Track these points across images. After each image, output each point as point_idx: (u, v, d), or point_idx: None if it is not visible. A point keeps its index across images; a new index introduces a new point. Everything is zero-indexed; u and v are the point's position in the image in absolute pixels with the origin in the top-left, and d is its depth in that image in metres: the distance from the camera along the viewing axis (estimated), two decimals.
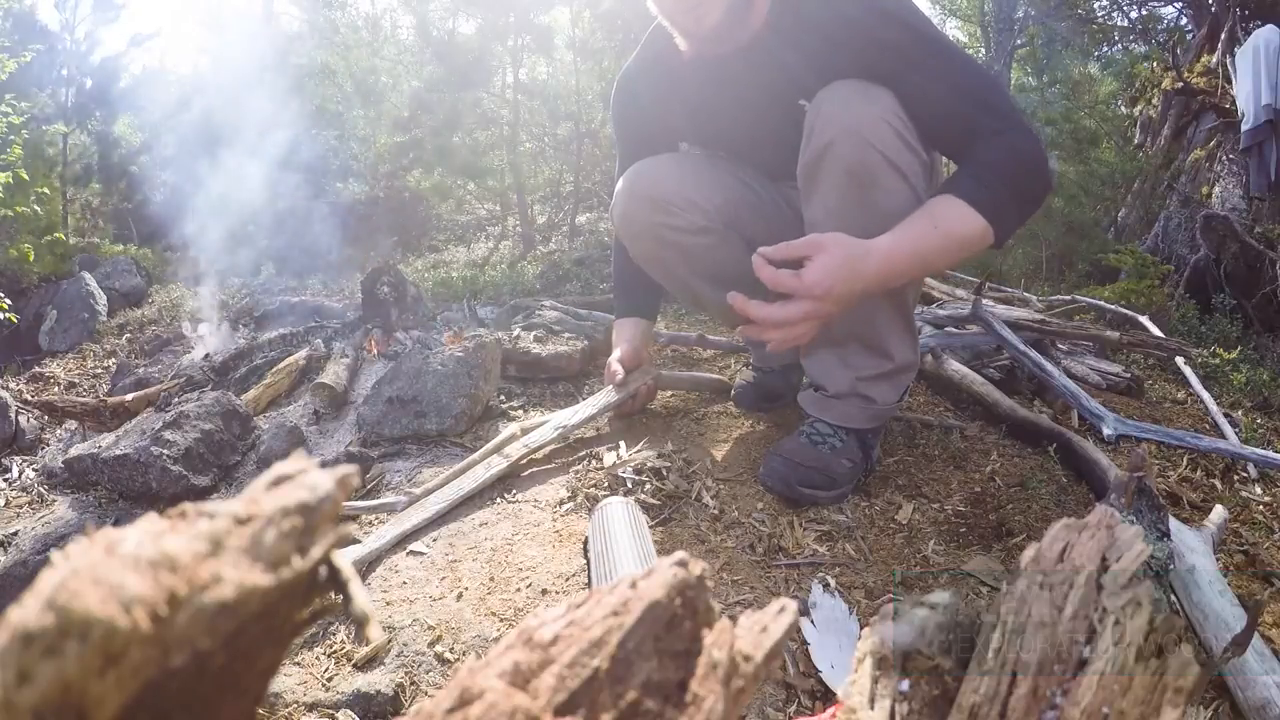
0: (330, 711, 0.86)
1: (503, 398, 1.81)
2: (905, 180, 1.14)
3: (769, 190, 1.48)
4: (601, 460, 1.41)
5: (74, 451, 1.68)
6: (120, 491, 1.54)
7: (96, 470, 1.56)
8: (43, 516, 1.51)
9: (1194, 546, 1.10)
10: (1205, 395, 2.08)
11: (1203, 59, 5.57)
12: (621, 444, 1.48)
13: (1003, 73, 9.21)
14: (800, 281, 1.00)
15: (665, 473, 1.33)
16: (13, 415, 2.26)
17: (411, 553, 1.16)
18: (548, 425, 1.48)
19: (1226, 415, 1.98)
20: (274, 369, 2.15)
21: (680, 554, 0.34)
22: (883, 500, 1.30)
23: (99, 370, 3.24)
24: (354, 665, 0.92)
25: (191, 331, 3.11)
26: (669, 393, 1.82)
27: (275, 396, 2.07)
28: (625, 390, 1.57)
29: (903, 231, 1.07)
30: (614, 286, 1.73)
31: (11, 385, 2.96)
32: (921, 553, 1.16)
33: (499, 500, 1.31)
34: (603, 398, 1.57)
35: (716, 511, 1.23)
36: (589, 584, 1.04)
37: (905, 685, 0.37)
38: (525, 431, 1.47)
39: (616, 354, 1.60)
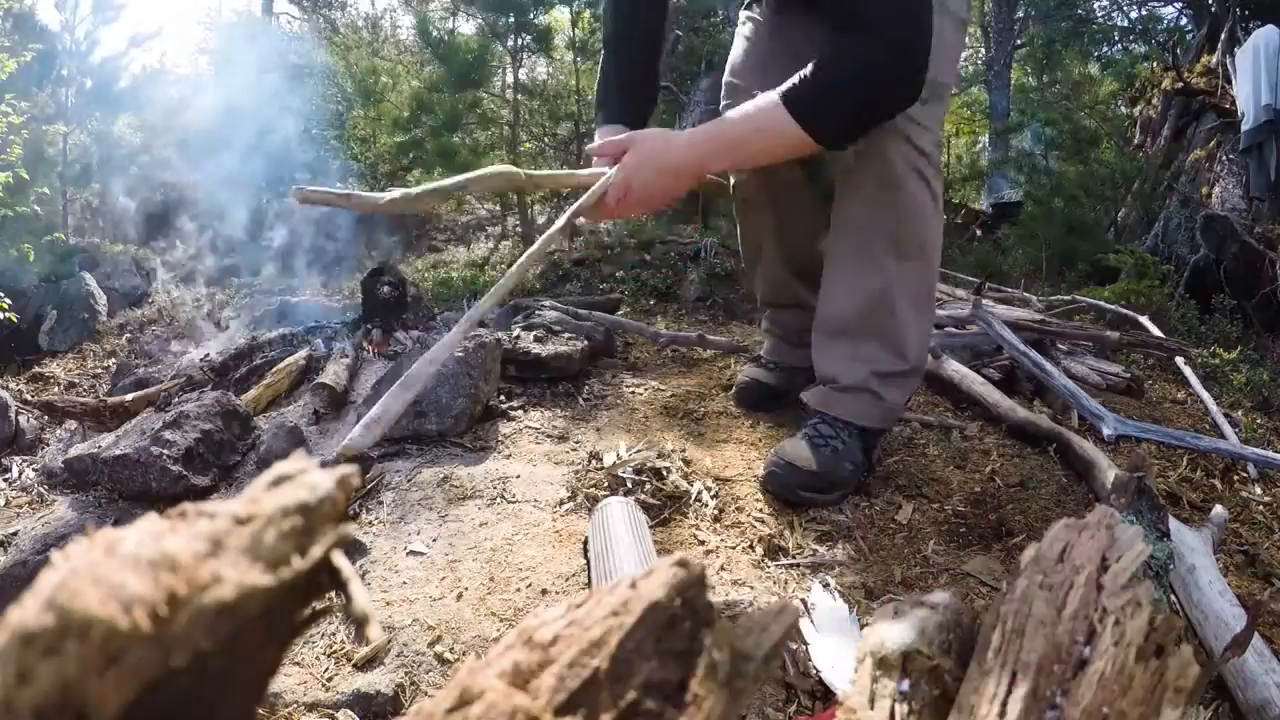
0: (330, 711, 0.86)
1: (503, 398, 1.81)
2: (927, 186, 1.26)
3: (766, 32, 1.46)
4: (601, 460, 1.41)
5: (74, 451, 1.68)
6: (120, 491, 1.54)
7: (96, 470, 1.56)
8: (43, 516, 1.51)
9: (1194, 546, 1.10)
10: (1205, 395, 2.08)
11: (1203, 59, 5.58)
12: (621, 444, 1.48)
13: (1003, 73, 9.22)
14: (618, 152, 1.14)
15: (665, 473, 1.33)
16: (13, 415, 2.26)
17: (411, 553, 1.16)
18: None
19: (1226, 415, 1.99)
20: (274, 369, 2.14)
21: (680, 554, 0.34)
22: (883, 500, 1.30)
23: (99, 370, 3.24)
24: (354, 665, 0.92)
25: (191, 331, 3.12)
26: (669, 393, 1.82)
27: (275, 396, 2.07)
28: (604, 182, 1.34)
29: (713, 124, 1.15)
30: (598, 97, 1.55)
31: (11, 385, 2.96)
32: (921, 553, 1.16)
33: (499, 500, 1.31)
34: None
35: (716, 511, 1.23)
36: (589, 584, 1.04)
37: (905, 685, 0.37)
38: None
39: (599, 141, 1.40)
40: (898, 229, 1.27)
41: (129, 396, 2.14)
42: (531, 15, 5.28)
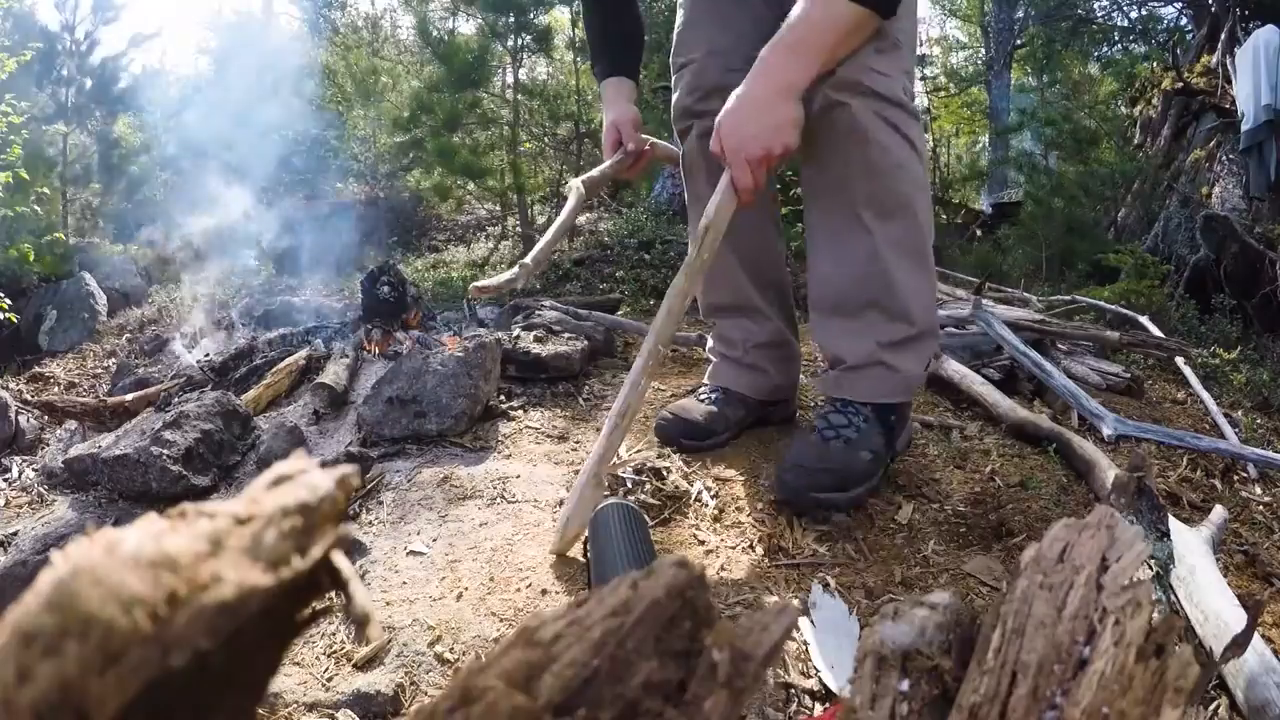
0: (330, 711, 0.86)
1: (503, 398, 1.81)
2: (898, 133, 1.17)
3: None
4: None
5: (74, 451, 1.68)
6: (120, 491, 1.54)
7: (96, 470, 1.56)
8: (43, 516, 1.51)
9: (1194, 546, 1.10)
10: (1205, 395, 2.08)
11: (1203, 59, 5.58)
12: (621, 444, 1.48)
13: (1002, 73, 9.23)
14: (717, 142, 1.10)
15: (665, 473, 1.33)
16: (13, 415, 2.26)
17: (411, 552, 1.16)
18: (573, 180, 1.38)
19: (1226, 415, 1.99)
20: (274, 369, 2.15)
21: (680, 554, 0.34)
22: (883, 500, 1.30)
23: (99, 370, 3.24)
24: (354, 665, 0.92)
25: (192, 331, 3.12)
26: (669, 393, 1.82)
27: (275, 396, 2.07)
28: (634, 154, 1.43)
29: (773, 43, 1.09)
30: (592, 52, 1.56)
31: (11, 385, 2.96)
32: (921, 553, 1.15)
33: (499, 500, 1.31)
34: (611, 162, 1.43)
35: (716, 511, 1.23)
36: (589, 584, 1.04)
37: (905, 685, 0.37)
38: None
39: (612, 117, 1.43)
40: (873, 185, 1.18)
41: (129, 396, 2.14)
42: (531, 15, 5.28)
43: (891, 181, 1.18)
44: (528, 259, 1.18)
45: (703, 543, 1.15)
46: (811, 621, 0.96)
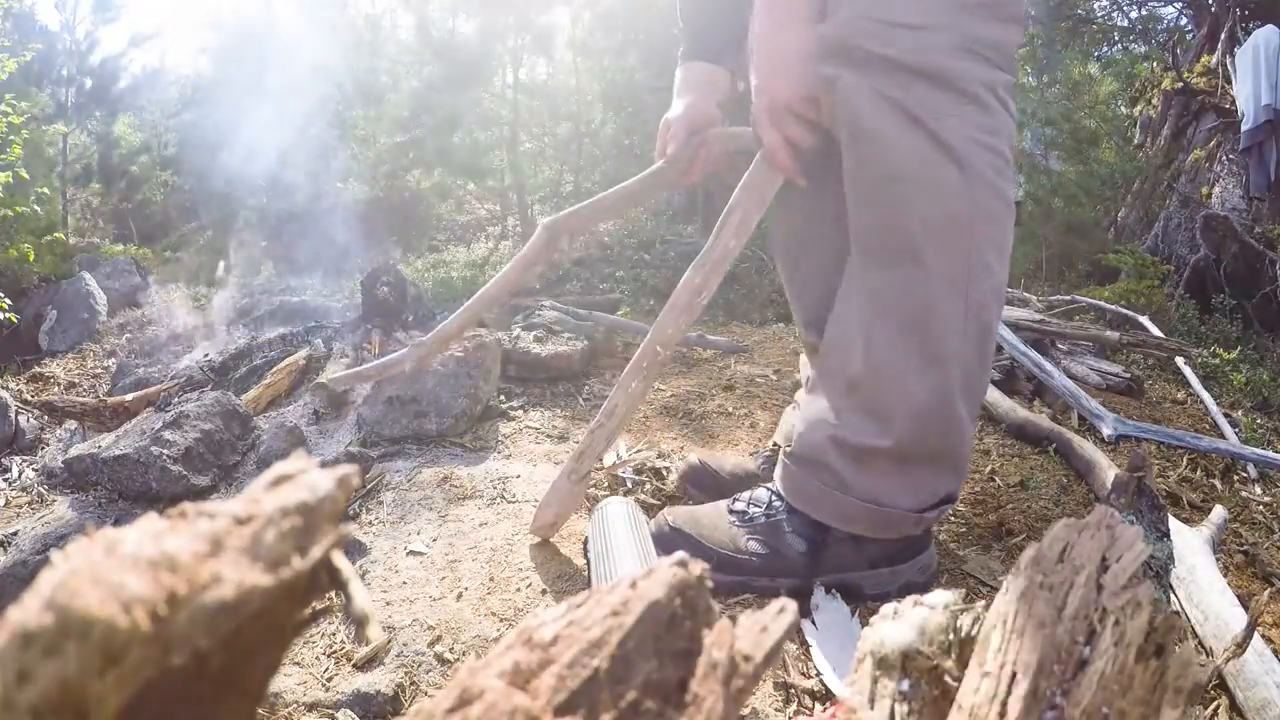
0: (330, 711, 0.86)
1: (503, 398, 1.81)
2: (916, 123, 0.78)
3: None
4: (601, 460, 1.41)
5: (74, 451, 1.68)
6: (120, 491, 1.54)
7: (96, 470, 1.56)
8: (43, 516, 1.50)
9: (1194, 546, 1.10)
10: (1205, 395, 2.08)
11: (1203, 59, 5.58)
12: (621, 444, 1.48)
13: None
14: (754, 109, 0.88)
15: (665, 473, 1.33)
16: (13, 415, 2.26)
17: (411, 552, 1.16)
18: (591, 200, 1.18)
19: (1226, 415, 1.99)
20: (274, 369, 2.15)
21: (680, 554, 0.34)
22: None
23: (99, 370, 3.24)
24: (354, 665, 0.92)
25: (191, 331, 3.12)
26: (669, 393, 1.82)
27: (275, 396, 2.07)
28: (677, 164, 1.10)
29: None
30: (684, 26, 1.12)
31: (11, 385, 2.96)
32: None
33: (499, 500, 1.31)
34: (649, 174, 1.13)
35: None
36: (589, 584, 1.04)
37: (905, 685, 0.37)
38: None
39: (669, 112, 1.09)
40: (863, 208, 0.83)
41: (129, 396, 2.14)
42: (531, 15, 5.29)
43: (882, 204, 0.81)
44: (428, 337, 1.01)
45: None
46: (812, 622, 0.96)
